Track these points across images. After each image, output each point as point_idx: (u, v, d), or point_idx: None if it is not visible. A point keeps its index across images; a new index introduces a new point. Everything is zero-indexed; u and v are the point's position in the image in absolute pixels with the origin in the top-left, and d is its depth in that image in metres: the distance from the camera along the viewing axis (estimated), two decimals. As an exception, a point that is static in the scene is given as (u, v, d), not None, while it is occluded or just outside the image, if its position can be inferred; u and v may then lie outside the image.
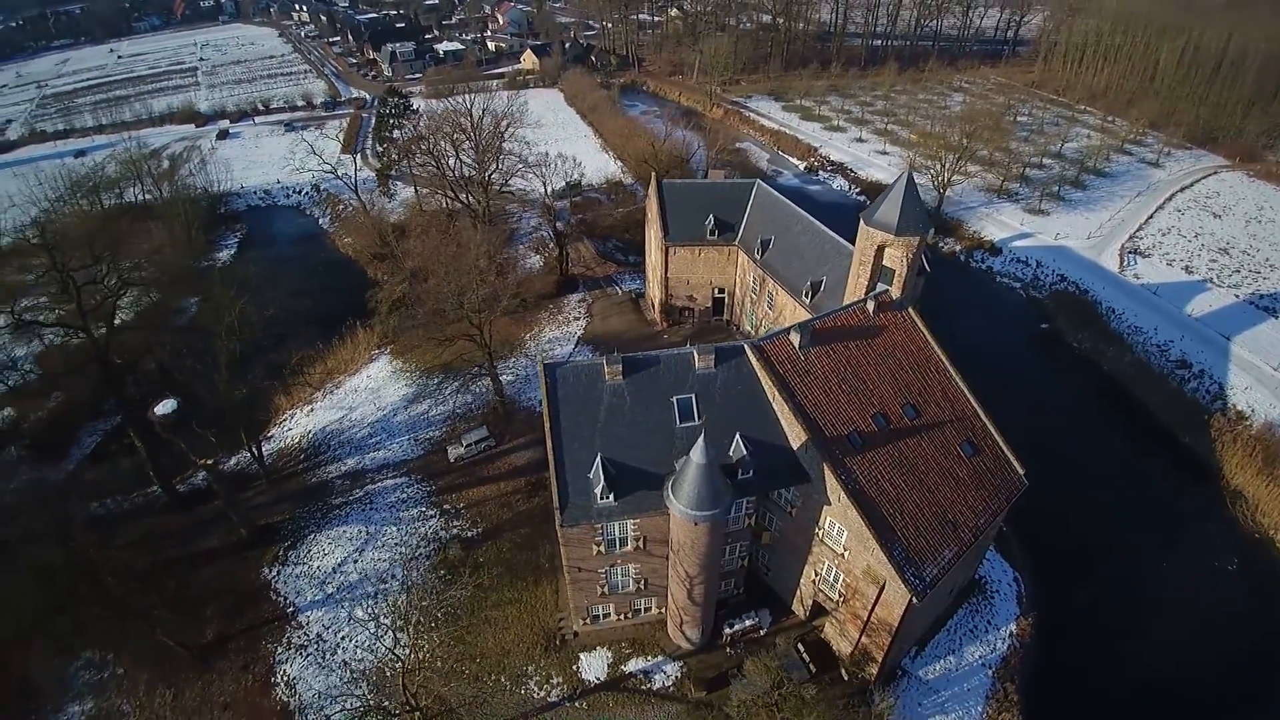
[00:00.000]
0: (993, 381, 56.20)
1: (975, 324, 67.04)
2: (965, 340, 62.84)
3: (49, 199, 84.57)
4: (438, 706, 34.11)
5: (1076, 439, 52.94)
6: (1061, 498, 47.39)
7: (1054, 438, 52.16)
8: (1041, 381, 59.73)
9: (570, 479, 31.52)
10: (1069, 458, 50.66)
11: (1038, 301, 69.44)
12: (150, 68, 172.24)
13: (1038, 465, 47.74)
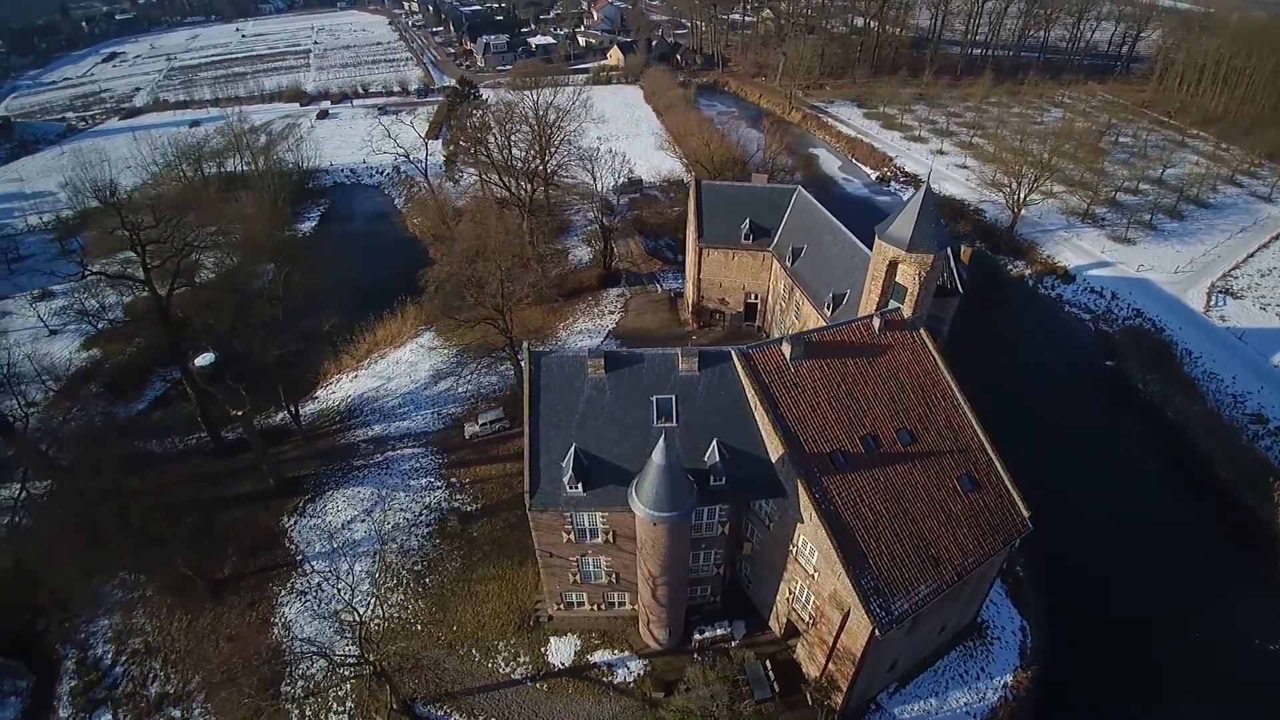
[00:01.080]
0: (1043, 416, 54.15)
1: (1034, 354, 63.26)
2: (1020, 369, 59.94)
3: (158, 163, 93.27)
4: (404, 664, 35.78)
5: (1124, 487, 49.03)
6: (1094, 547, 44.43)
7: (1099, 483, 48.81)
8: (1096, 421, 55.50)
9: (543, 465, 32.19)
10: (1112, 505, 47.12)
11: (1107, 336, 64.35)
12: (269, 48, 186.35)
13: (1075, 510, 45.78)
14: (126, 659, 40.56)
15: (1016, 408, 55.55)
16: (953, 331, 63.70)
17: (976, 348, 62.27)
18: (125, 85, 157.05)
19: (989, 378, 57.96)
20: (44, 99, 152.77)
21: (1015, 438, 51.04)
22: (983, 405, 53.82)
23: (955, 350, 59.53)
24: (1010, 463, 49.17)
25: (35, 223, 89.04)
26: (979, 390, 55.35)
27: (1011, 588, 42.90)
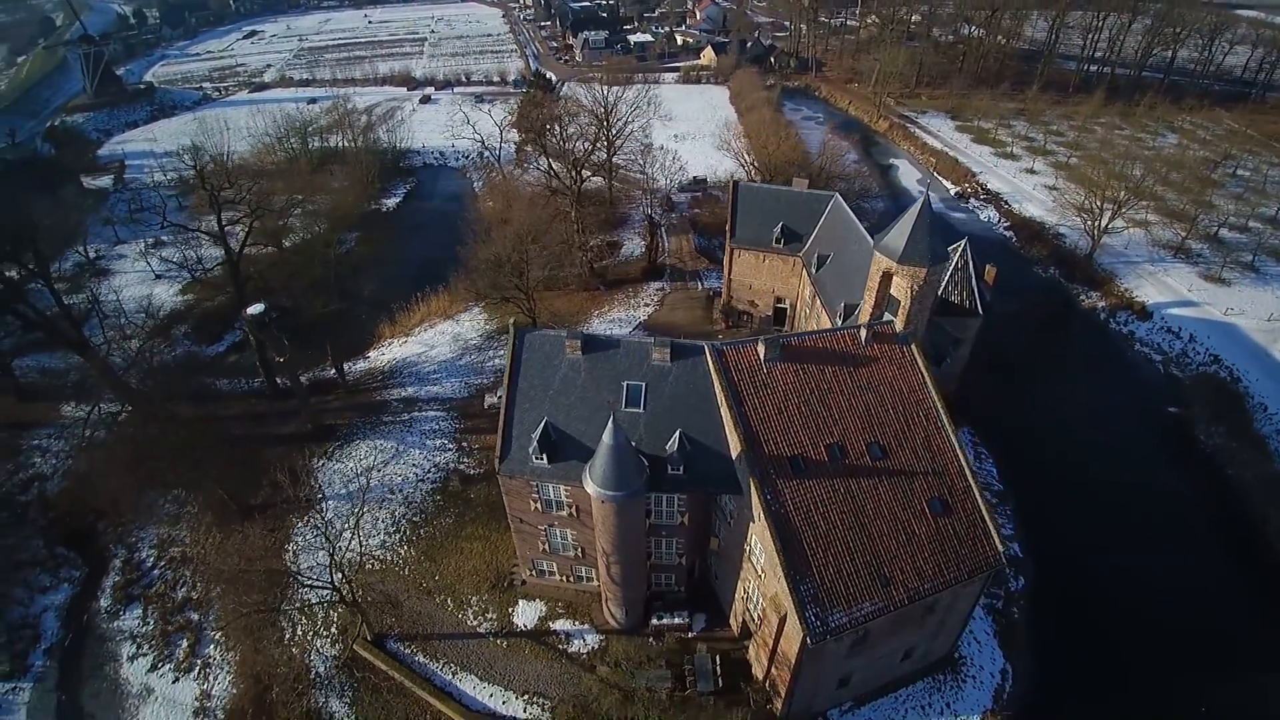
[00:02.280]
0: (1088, 456, 51.22)
1: (1093, 390, 59.12)
2: (1074, 405, 56.57)
3: (270, 134, 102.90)
4: (385, 602, 38.92)
5: (1163, 541, 45.13)
6: (1110, 600, 41.54)
7: (1133, 535, 45.34)
8: (1146, 470, 51.25)
9: (515, 434, 34.07)
10: (1142, 560, 43.72)
11: (1176, 381, 59.13)
12: (390, 34, 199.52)
13: (1101, 557, 43.05)
14: (164, 564, 46.04)
15: (1062, 444, 52.85)
16: (996, 357, 60.95)
17: (1031, 378, 59.52)
18: (259, 61, 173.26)
19: (1039, 411, 55.90)
20: (187, 69, 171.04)
21: (1055, 474, 49.30)
22: (1026, 438, 51.69)
23: (994, 376, 57.71)
24: (1043, 500, 46.37)
25: (159, 179, 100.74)
26: (1025, 422, 53.28)
27: (1002, 629, 40.93)
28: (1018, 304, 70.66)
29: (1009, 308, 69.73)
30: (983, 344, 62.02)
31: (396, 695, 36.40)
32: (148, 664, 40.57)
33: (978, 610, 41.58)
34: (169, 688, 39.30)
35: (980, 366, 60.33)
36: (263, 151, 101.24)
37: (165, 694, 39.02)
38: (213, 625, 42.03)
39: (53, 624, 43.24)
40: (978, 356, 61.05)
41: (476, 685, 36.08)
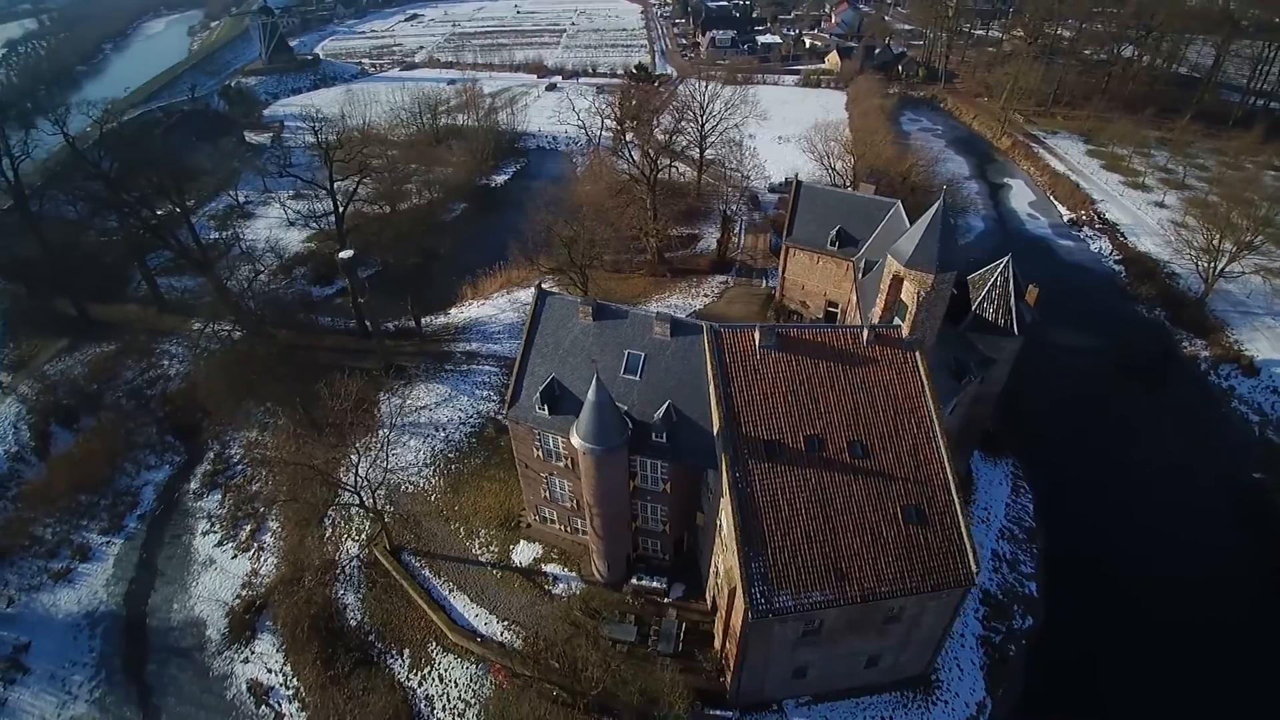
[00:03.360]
0: (1142, 509, 48.26)
1: (1168, 443, 54.37)
2: (1140, 455, 52.74)
3: (406, 109, 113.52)
4: (409, 520, 44.16)
5: (1206, 617, 40.89)
6: (1123, 662, 38.98)
7: (1175, 602, 41.71)
8: (1207, 533, 46.88)
9: (525, 385, 37.57)
10: (1177, 633, 40.17)
11: (1270, 445, 53.17)
12: (533, 24, 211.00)
13: (1125, 623, 41.11)
14: (247, 462, 54.00)
15: (1118, 492, 49.60)
16: (1063, 392, 57.68)
17: (1102, 420, 55.98)
18: (414, 42, 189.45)
19: (1102, 455, 53.09)
20: (351, 45, 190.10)
21: (1099, 522, 47.21)
22: (1077, 481, 49.84)
23: (1057, 412, 55.10)
24: (1078, 547, 45.89)
25: (309, 141, 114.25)
26: (1081, 464, 50.79)
27: (993, 664, 39.63)
28: (1108, 341, 66.11)
29: (1096, 343, 65.60)
30: (1044, 374, 59.16)
31: (399, 599, 41.30)
32: (215, 540, 48.22)
33: (970, 639, 40.83)
34: (228, 562, 46.58)
35: (1040, 398, 57.80)
36: (396, 124, 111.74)
37: (224, 566, 46.31)
38: (274, 518, 49.02)
39: (150, 496, 52.19)
40: (1038, 388, 58.50)
41: (466, 604, 40.17)
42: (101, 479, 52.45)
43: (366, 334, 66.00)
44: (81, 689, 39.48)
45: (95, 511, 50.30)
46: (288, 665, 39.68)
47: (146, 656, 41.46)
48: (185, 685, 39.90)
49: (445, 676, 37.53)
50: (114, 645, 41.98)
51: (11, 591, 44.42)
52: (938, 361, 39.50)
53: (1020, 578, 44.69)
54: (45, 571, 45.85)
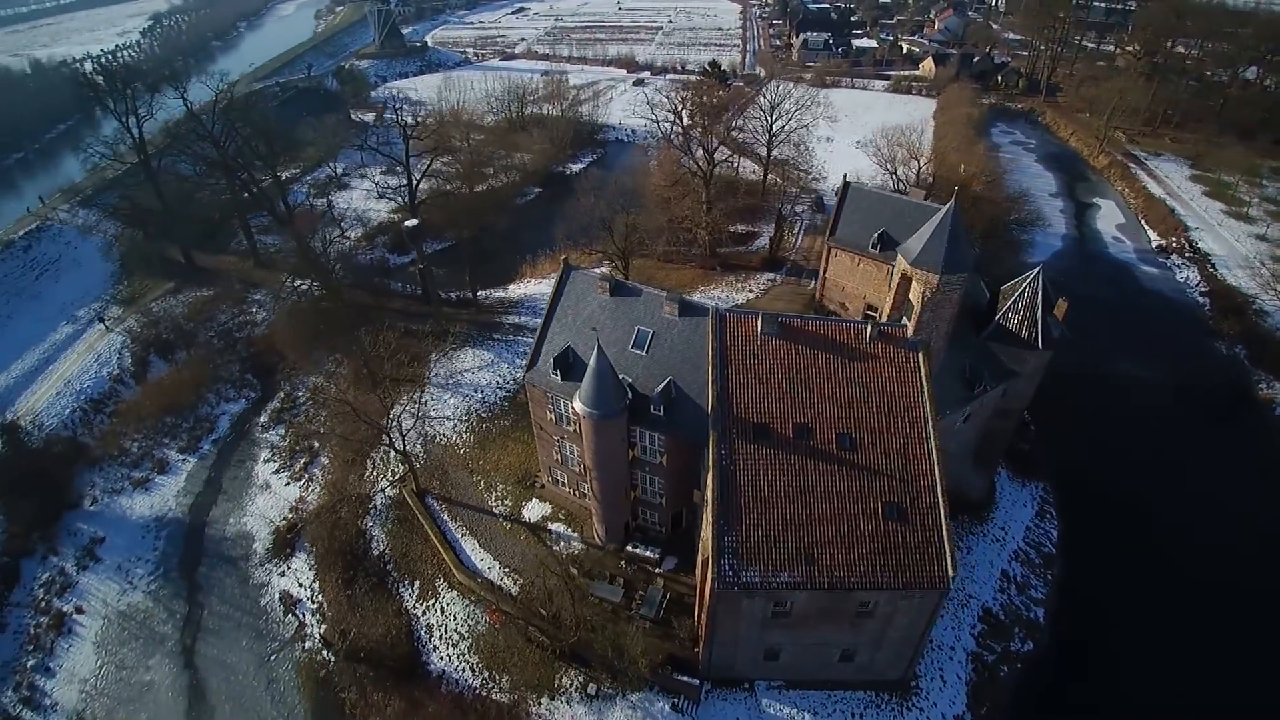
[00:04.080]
0: (1179, 553, 45.78)
1: (1230, 490, 50.30)
2: (1198, 500, 49.59)
3: (495, 96, 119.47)
4: (436, 468, 48.05)
5: (1236, 665, 39.13)
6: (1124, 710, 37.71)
7: (1196, 673, 39.11)
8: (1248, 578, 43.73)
9: (544, 351, 40.27)
10: (1191, 696, 38.05)
11: (1344, 502, 48.87)
12: (632, 21, 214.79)
13: (1140, 672, 39.33)
14: (310, 404, 59.61)
15: (1158, 532, 46.84)
16: (1115, 424, 55.07)
17: (1157, 458, 53.01)
18: (516, 34, 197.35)
19: (1148, 494, 50.17)
20: (458, 34, 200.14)
21: (1129, 560, 45.47)
22: (1116, 514, 48.85)
23: (1105, 442, 53.55)
24: (1100, 581, 44.30)
25: (409, 121, 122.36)
26: (1123, 499, 49.26)
27: (980, 681, 39.04)
28: (1177, 375, 62.22)
29: (1162, 375, 61.82)
30: (1100, 402, 56.81)
31: (418, 536, 45.15)
32: (273, 468, 53.79)
33: (960, 653, 40.38)
34: (281, 487, 51.97)
35: (1089, 425, 55.52)
36: (485, 110, 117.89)
37: (277, 491, 51.71)
38: (325, 454, 54.14)
39: (225, 425, 58.65)
40: (1089, 414, 56.16)
41: (475, 548, 43.46)
42: (186, 405, 59.36)
43: (428, 300, 71.07)
44: (141, 580, 45.53)
45: (177, 432, 57.11)
46: (316, 582, 44.24)
47: (200, 560, 47.22)
48: (228, 588, 45.25)
49: (446, 610, 40.91)
50: (174, 547, 48.04)
51: (96, 493, 51.46)
52: (951, 367, 39.40)
53: (1028, 602, 43.55)
54: (127, 479, 52.74)
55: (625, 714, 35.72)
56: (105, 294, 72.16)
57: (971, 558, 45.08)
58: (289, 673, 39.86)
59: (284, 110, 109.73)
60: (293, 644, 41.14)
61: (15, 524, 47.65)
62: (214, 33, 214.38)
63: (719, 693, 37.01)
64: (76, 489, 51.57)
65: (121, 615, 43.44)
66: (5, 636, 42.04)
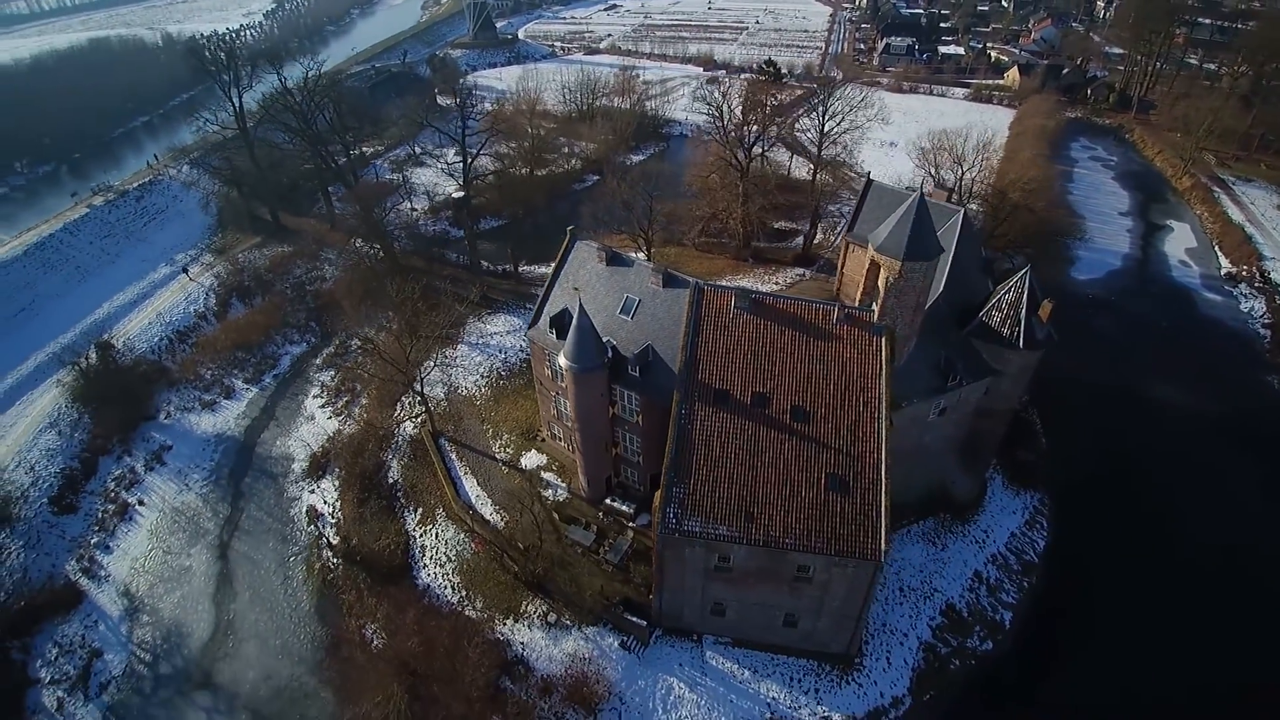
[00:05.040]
0: (1195, 604, 43.55)
1: (1253, 528, 48.30)
2: (1215, 537, 47.62)
3: (568, 88, 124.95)
4: (453, 415, 53.12)
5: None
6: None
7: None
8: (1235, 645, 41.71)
9: (545, 311, 44.22)
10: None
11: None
12: (719, 21, 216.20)
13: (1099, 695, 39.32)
14: (360, 352, 65.89)
15: (1172, 576, 44.78)
16: (1140, 447, 54.45)
17: (1187, 486, 51.19)
18: (604, 30, 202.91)
19: (1167, 524, 48.62)
20: (550, 29, 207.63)
21: (1120, 589, 44.80)
22: (1116, 537, 48.04)
23: (1127, 466, 53.41)
24: (1080, 601, 44.17)
25: (488, 107, 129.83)
26: (1132, 524, 49.10)
27: (928, 669, 40.08)
28: (1221, 406, 59.18)
29: (1203, 405, 59.07)
30: (1128, 424, 56.28)
31: (427, 470, 50.30)
32: (320, 403, 60.36)
33: (913, 640, 41.40)
34: (324, 420, 58.38)
35: (1111, 445, 54.47)
36: (556, 100, 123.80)
37: (320, 422, 58.15)
38: (365, 395, 60.21)
39: (285, 363, 65.95)
40: (1113, 435, 54.91)
41: (472, 485, 48.10)
42: (255, 343, 67.10)
43: (475, 270, 76.76)
44: (195, 484, 52.76)
45: (245, 365, 64.77)
46: (338, 501, 50.04)
47: (246, 473, 54.12)
48: (266, 498, 51.82)
49: (439, 535, 45.67)
50: (228, 460, 55.17)
51: (171, 409, 59.44)
52: (926, 357, 40.56)
53: (996, 604, 43.86)
54: (198, 400, 60.54)
55: (578, 644, 39.19)
56: (201, 243, 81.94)
57: (945, 554, 45.76)
58: (302, 572, 45.71)
59: (375, 91, 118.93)
60: (310, 549, 46.95)
61: (99, 427, 56.02)
62: (329, 18, 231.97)
63: (668, 640, 39.90)
64: (155, 404, 59.77)
65: (175, 510, 50.68)
66: (76, 517, 50.00)
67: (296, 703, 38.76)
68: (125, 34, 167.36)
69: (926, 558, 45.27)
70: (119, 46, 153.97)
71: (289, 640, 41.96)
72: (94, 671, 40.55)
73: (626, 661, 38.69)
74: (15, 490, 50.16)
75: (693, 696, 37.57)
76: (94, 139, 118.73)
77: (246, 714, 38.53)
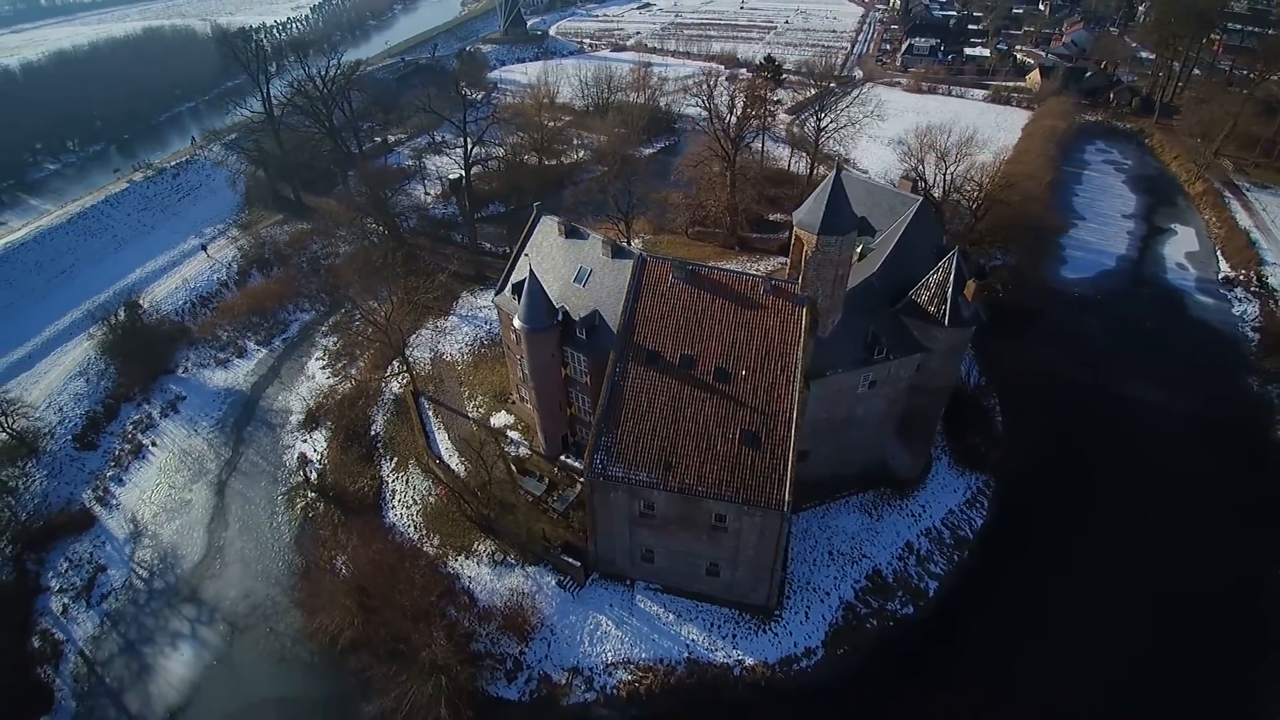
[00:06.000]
0: (1117, 584, 44.64)
1: (1209, 527, 48.46)
2: (1169, 531, 48.00)
3: (586, 83, 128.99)
4: (433, 377, 57.47)
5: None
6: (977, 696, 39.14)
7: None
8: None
9: (512, 279, 47.99)
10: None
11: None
12: (749, 20, 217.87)
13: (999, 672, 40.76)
14: (361, 321, 70.49)
15: (1104, 560, 46.06)
16: (1103, 439, 56.17)
17: (1144, 481, 51.68)
18: (633, 28, 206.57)
19: (1118, 517, 49.27)
20: (581, 26, 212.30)
21: (1055, 578, 45.72)
22: (1056, 527, 49.12)
23: (1081, 457, 54.04)
24: (1010, 582, 45.25)
25: (511, 101, 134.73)
26: (1078, 516, 50.17)
27: (845, 625, 42.28)
28: (1194, 405, 59.12)
29: (1176, 403, 59.27)
30: (1093, 418, 57.62)
31: (405, 425, 54.76)
32: (321, 365, 65.42)
33: (834, 598, 43.74)
34: (323, 379, 63.40)
35: (1063, 435, 55.35)
36: (573, 94, 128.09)
37: (319, 381, 63.20)
38: (362, 360, 65.02)
39: (294, 329, 71.35)
40: (1068, 426, 55.93)
41: (443, 439, 52.38)
42: (269, 310, 72.66)
43: (473, 249, 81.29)
44: (203, 429, 58.26)
45: (258, 329, 70.34)
46: (325, 449, 54.81)
47: (248, 422, 59.40)
48: (263, 444, 56.96)
49: (410, 481, 50.07)
50: (234, 411, 60.57)
51: (188, 364, 65.29)
52: (855, 330, 42.92)
53: (923, 573, 45.72)
54: (213, 358, 66.27)
55: (520, 580, 42.94)
56: (229, 219, 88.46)
57: (880, 525, 47.92)
58: (286, 509, 50.47)
59: (402, 83, 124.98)
60: (296, 490, 51.72)
61: (123, 377, 62.16)
62: (371, 13, 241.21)
63: (603, 583, 43.33)
64: (174, 359, 65.67)
65: (182, 451, 56.15)
66: (96, 453, 56.02)
67: (268, 617, 43.39)
68: (179, 24, 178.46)
69: (861, 526, 47.55)
70: (171, 36, 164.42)
71: (269, 566, 46.72)
72: (97, 584, 45.98)
73: (562, 599, 42.26)
74: (44, 427, 56.33)
75: (618, 634, 40.90)
76: (142, 121, 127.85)
77: (225, 624, 43.33)
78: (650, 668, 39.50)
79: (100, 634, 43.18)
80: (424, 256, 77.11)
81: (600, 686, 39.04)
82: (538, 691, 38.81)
